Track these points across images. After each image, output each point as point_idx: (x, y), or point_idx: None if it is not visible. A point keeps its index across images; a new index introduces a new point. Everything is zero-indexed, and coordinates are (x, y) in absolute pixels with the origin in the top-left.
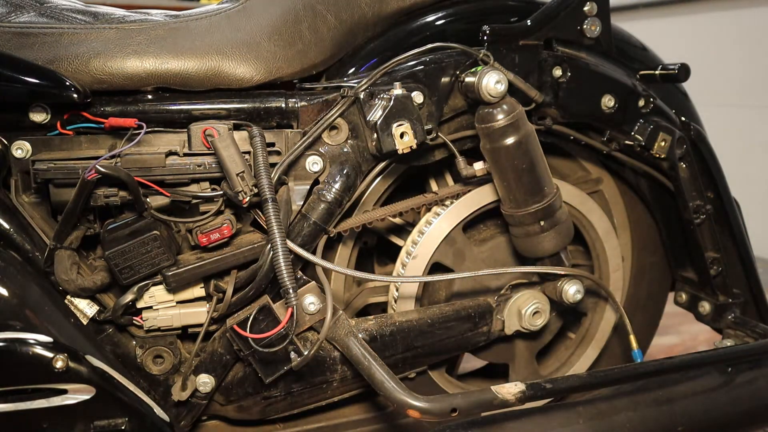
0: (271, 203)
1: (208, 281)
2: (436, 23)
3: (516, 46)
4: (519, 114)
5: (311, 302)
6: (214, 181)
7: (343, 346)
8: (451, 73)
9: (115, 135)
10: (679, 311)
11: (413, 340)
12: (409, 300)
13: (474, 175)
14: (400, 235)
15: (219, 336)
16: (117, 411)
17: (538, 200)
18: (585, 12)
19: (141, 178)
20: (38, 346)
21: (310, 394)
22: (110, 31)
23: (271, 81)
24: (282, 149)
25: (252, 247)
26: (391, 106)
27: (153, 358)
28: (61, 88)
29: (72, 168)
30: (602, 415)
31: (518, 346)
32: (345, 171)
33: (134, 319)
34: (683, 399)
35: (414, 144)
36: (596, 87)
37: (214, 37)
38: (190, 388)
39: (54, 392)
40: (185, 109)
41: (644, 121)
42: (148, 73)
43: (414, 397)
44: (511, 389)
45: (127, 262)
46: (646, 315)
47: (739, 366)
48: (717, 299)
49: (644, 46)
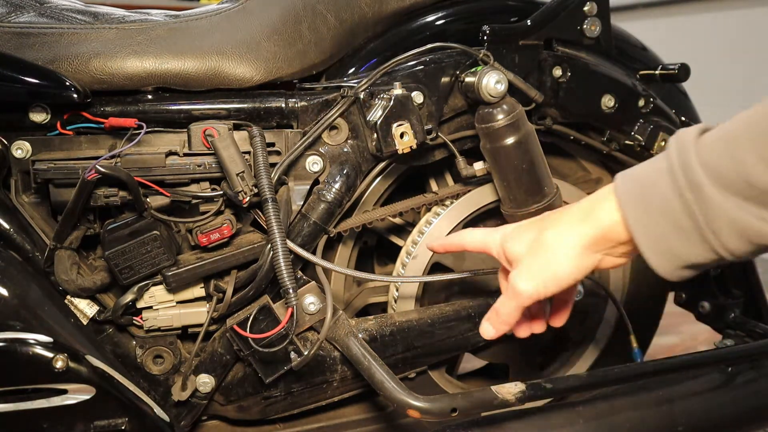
0: (271, 203)
1: (208, 281)
2: (436, 23)
3: (516, 46)
4: (519, 114)
5: (311, 302)
6: (214, 181)
7: (343, 346)
8: (451, 73)
9: (115, 135)
10: (679, 311)
11: (413, 340)
12: (409, 300)
13: (474, 175)
14: (400, 235)
15: (219, 336)
16: (117, 411)
17: (538, 200)
18: (585, 12)
19: (141, 178)
20: (38, 346)
21: (310, 394)
22: (110, 31)
23: (271, 81)
24: (282, 149)
25: (252, 247)
26: (391, 106)
27: (153, 358)
28: (61, 88)
29: (72, 168)
30: (602, 415)
31: (518, 346)
32: (345, 171)
33: (134, 319)
34: (683, 399)
35: (414, 144)
36: (596, 87)
37: (214, 37)
38: (190, 388)
39: (54, 392)
40: (185, 109)
41: (644, 121)
42: (148, 73)
43: (414, 397)
44: (511, 389)
45: (127, 262)
46: (646, 315)
47: (739, 366)
48: (717, 299)
49: (644, 46)
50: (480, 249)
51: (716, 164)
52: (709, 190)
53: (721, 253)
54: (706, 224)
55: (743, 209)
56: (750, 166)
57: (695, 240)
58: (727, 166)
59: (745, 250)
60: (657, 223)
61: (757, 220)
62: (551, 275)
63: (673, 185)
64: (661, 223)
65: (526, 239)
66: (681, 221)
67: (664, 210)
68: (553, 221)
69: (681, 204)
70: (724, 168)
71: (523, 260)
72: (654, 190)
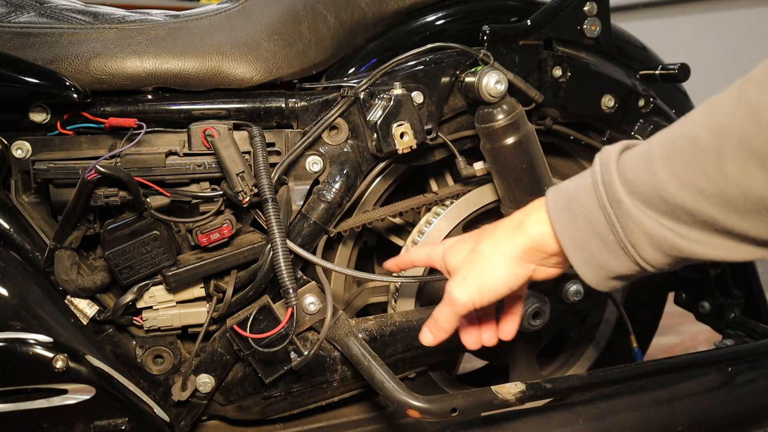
0: (271, 203)
1: (208, 281)
2: (436, 23)
3: (516, 46)
4: (519, 114)
5: (311, 302)
6: (214, 181)
7: (343, 346)
8: (451, 73)
9: (115, 135)
10: (679, 311)
11: (413, 340)
12: (409, 300)
13: (474, 175)
14: (400, 235)
15: (219, 336)
16: (117, 411)
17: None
18: (585, 12)
19: (141, 178)
20: (38, 346)
21: (310, 394)
22: (110, 31)
23: (271, 81)
24: (282, 149)
25: (252, 247)
26: (391, 106)
27: (153, 358)
28: (61, 88)
29: (72, 168)
30: (602, 415)
31: (518, 346)
32: (345, 171)
33: (134, 319)
34: (683, 399)
35: (414, 144)
36: (596, 87)
37: (214, 37)
38: (190, 388)
39: (54, 392)
40: (185, 109)
41: (644, 121)
42: (148, 73)
43: (414, 397)
44: (511, 389)
45: (127, 262)
46: (646, 315)
47: (739, 366)
48: (717, 299)
49: (644, 46)
50: (425, 263)
51: (635, 180)
52: (628, 204)
53: (642, 265)
54: (626, 237)
55: (659, 223)
56: (664, 182)
57: (618, 253)
58: (645, 182)
59: (663, 262)
60: (584, 235)
61: (672, 234)
62: (485, 284)
63: (597, 200)
64: (588, 236)
65: (464, 250)
66: (604, 235)
67: (590, 223)
68: (488, 233)
69: (604, 218)
70: (641, 184)
71: (459, 270)
72: (580, 204)
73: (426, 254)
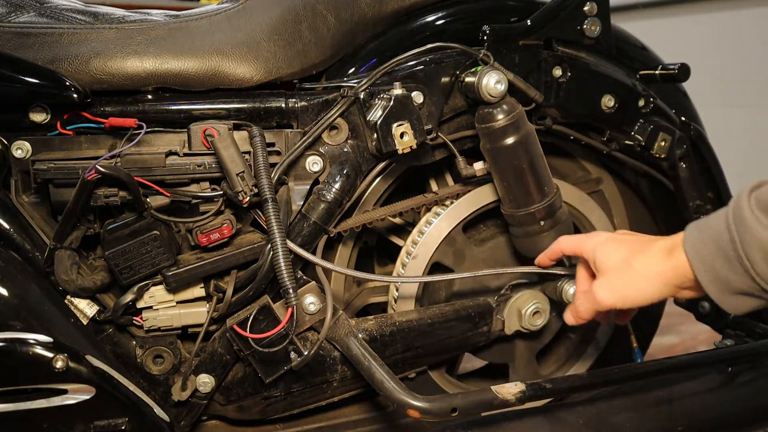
0: (271, 203)
1: (208, 281)
2: (436, 23)
3: (516, 46)
4: (519, 114)
5: (311, 302)
6: (214, 181)
7: (343, 346)
8: (451, 73)
9: (115, 135)
10: (679, 311)
11: (413, 340)
12: (409, 300)
13: (474, 175)
14: (400, 235)
15: (219, 336)
16: (117, 411)
17: (538, 200)
18: (585, 12)
19: (141, 178)
20: (38, 346)
21: (310, 394)
22: (110, 31)
23: (271, 81)
24: (282, 149)
25: (252, 247)
26: (391, 106)
27: (153, 358)
28: (61, 88)
29: (72, 168)
30: (602, 415)
31: (518, 346)
32: (345, 171)
33: (134, 319)
34: (683, 399)
35: (414, 144)
36: (596, 87)
37: (214, 37)
38: (190, 388)
39: (54, 392)
40: (185, 109)
41: (644, 121)
42: (148, 73)
43: (414, 397)
44: (511, 389)
45: (127, 262)
46: (646, 315)
47: (739, 366)
48: None
49: (644, 46)
50: (574, 252)
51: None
52: (749, 218)
53: (756, 280)
54: (743, 250)
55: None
56: None
57: (737, 267)
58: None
59: None
60: (710, 252)
61: None
62: (630, 295)
63: (725, 220)
64: (713, 252)
65: (617, 257)
66: (727, 250)
67: (716, 241)
68: (642, 250)
69: (728, 235)
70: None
71: (609, 274)
72: (710, 227)
73: (575, 243)
